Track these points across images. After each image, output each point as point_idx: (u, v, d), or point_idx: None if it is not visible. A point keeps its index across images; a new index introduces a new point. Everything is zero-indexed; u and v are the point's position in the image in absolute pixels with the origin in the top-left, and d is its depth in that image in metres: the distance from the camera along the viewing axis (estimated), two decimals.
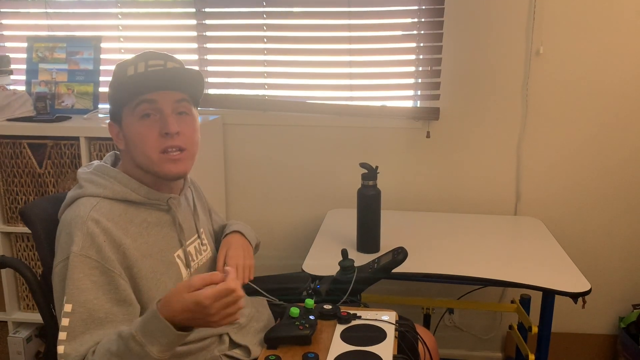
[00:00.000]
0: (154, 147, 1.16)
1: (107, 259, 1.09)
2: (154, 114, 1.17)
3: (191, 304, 0.96)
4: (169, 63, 1.19)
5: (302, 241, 2.35)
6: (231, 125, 2.34)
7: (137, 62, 1.18)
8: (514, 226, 2.15)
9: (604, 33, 2.10)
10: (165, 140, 1.16)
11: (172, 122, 1.16)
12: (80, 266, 1.07)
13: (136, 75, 1.16)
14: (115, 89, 1.20)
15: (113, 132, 1.23)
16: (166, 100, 1.17)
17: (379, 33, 2.22)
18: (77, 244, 1.08)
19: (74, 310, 1.05)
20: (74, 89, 2.21)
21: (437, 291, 2.35)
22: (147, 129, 1.16)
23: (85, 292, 1.07)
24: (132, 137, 1.17)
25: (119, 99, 1.19)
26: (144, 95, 1.15)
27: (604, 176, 2.22)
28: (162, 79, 1.17)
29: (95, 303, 1.07)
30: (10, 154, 2.01)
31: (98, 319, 1.06)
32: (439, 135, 2.25)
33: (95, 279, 1.08)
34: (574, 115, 2.18)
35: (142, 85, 1.16)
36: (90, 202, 1.14)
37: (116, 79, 1.20)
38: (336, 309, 1.29)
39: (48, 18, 2.37)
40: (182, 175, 1.22)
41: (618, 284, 2.31)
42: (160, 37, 2.34)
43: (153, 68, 1.17)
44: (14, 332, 2.15)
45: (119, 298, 1.10)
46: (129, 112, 1.18)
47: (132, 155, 1.19)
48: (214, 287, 0.96)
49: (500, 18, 2.13)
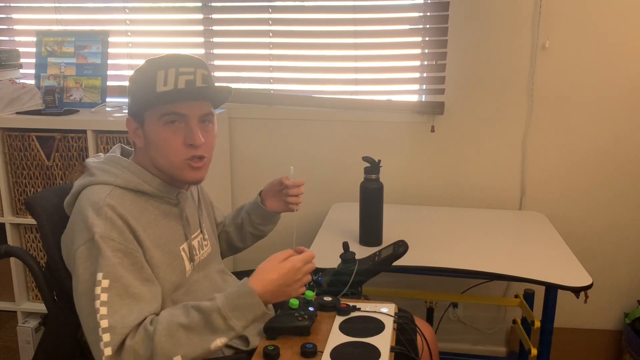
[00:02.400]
0: (177, 155, 1.19)
1: (129, 240, 1.12)
2: (179, 122, 1.18)
3: (287, 269, 1.13)
4: (198, 71, 1.19)
5: (306, 234, 2.37)
6: (237, 119, 2.36)
7: (167, 67, 1.17)
8: (519, 221, 2.15)
9: (611, 27, 2.09)
10: (189, 150, 1.19)
11: (198, 135, 1.18)
12: (106, 247, 1.09)
13: (168, 93, 1.16)
14: (141, 92, 1.19)
15: (130, 127, 1.23)
16: (194, 112, 1.19)
17: (384, 27, 2.22)
18: (99, 226, 1.10)
19: (111, 286, 1.07)
20: (82, 82, 2.23)
21: (441, 285, 2.36)
22: (172, 135, 1.18)
23: (119, 268, 1.09)
24: (156, 141, 1.19)
25: (143, 101, 1.19)
26: (174, 106, 1.17)
27: (610, 171, 2.21)
28: (193, 93, 1.19)
29: (128, 279, 1.10)
30: (19, 147, 2.05)
31: (133, 295, 1.09)
32: (443, 129, 2.25)
33: (119, 260, 1.10)
34: (580, 110, 2.17)
35: (170, 97, 1.17)
36: (104, 189, 1.16)
37: (143, 82, 1.19)
38: (336, 301, 1.30)
39: (57, 12, 2.39)
40: (200, 181, 1.25)
41: (623, 280, 2.30)
42: (167, 31, 2.35)
43: (184, 77, 1.17)
44: (23, 321, 2.19)
45: (144, 277, 1.13)
46: (153, 116, 1.18)
47: (152, 156, 1.21)
48: (301, 255, 1.17)
49: (505, 12, 2.12)
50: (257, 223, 1.55)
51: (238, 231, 1.58)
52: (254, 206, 1.54)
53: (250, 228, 1.56)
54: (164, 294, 1.19)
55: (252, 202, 1.55)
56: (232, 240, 1.59)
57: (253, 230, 1.57)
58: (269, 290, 1.12)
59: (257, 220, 1.54)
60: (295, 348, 1.13)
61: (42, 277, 1.24)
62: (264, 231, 1.58)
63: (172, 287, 1.21)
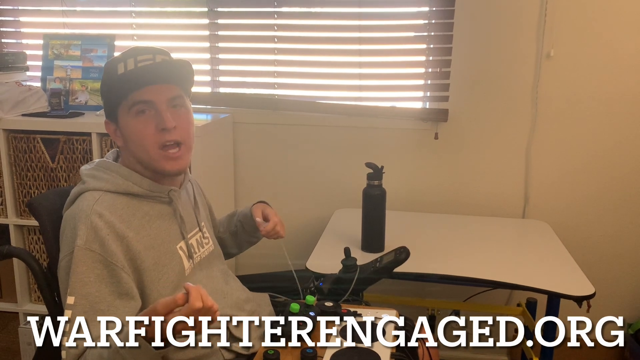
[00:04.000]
0: (152, 143, 1.18)
1: (110, 253, 1.11)
2: (149, 110, 1.18)
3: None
4: (157, 56, 1.20)
5: (308, 240, 2.36)
6: (241, 123, 2.36)
7: (125, 58, 1.18)
8: (522, 229, 2.14)
9: (616, 36, 2.08)
10: (162, 135, 1.18)
11: (168, 117, 1.18)
12: (84, 259, 1.09)
13: (127, 73, 1.17)
14: (108, 87, 1.21)
15: (110, 130, 1.25)
16: (160, 97, 1.18)
17: (389, 34, 2.22)
18: (82, 238, 1.10)
19: (76, 303, 1.07)
20: (87, 85, 2.25)
21: (443, 293, 2.35)
22: (143, 125, 1.18)
23: (88, 285, 1.09)
24: (130, 134, 1.20)
25: (112, 98, 1.20)
26: (138, 92, 1.17)
27: (614, 181, 2.20)
28: (152, 73, 1.19)
29: (97, 295, 1.09)
30: (24, 149, 2.06)
31: (99, 311, 1.08)
32: (447, 136, 2.25)
33: (98, 272, 1.10)
34: (585, 120, 2.17)
35: (133, 83, 1.17)
36: (93, 196, 1.16)
37: (107, 78, 1.21)
38: (337, 307, 1.30)
39: (64, 16, 2.41)
40: (181, 171, 1.25)
41: (627, 290, 2.29)
42: (172, 35, 2.37)
43: (142, 63, 1.18)
44: (25, 323, 2.19)
45: (121, 291, 1.12)
46: (124, 111, 1.19)
47: (132, 152, 1.22)
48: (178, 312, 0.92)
49: (510, 20, 2.12)
50: (250, 232, 1.55)
51: (233, 238, 1.58)
52: (246, 218, 1.53)
53: (245, 236, 1.57)
54: (164, 295, 1.18)
55: (244, 214, 1.54)
56: (226, 246, 1.59)
57: (247, 237, 1.57)
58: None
59: (250, 230, 1.54)
60: (296, 353, 1.13)
61: (43, 278, 1.24)
62: (259, 237, 1.58)
63: (171, 287, 1.21)
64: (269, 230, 1.43)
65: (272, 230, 1.43)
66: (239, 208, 2.40)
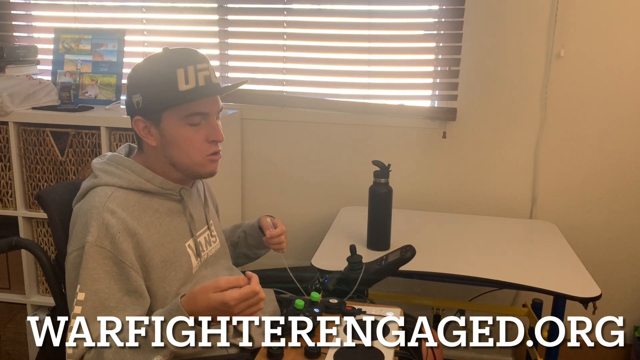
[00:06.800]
0: (200, 151, 1.22)
1: (121, 251, 1.12)
2: (202, 120, 1.21)
3: (217, 303, 1.01)
4: (210, 66, 1.23)
5: (314, 237, 2.37)
6: (249, 120, 2.37)
7: (184, 65, 1.17)
8: (529, 230, 2.13)
9: (627, 36, 2.07)
10: (211, 146, 1.23)
11: (220, 131, 1.23)
12: (95, 256, 1.10)
13: (192, 91, 1.17)
14: (159, 90, 1.18)
15: (139, 127, 1.22)
16: (214, 109, 1.23)
17: (398, 32, 2.22)
18: (93, 234, 1.11)
19: (86, 299, 1.09)
20: (97, 80, 2.26)
21: (448, 292, 2.35)
22: (194, 134, 1.21)
23: (98, 281, 1.10)
24: (176, 140, 1.20)
25: (162, 101, 1.18)
26: (197, 103, 1.19)
27: (623, 183, 2.19)
28: (213, 88, 1.22)
29: (107, 292, 1.10)
30: (34, 142, 2.07)
31: (109, 307, 1.10)
32: (455, 135, 2.24)
33: (108, 268, 1.11)
34: (593, 120, 2.15)
35: (198, 94, 1.19)
36: (106, 191, 1.17)
37: (164, 86, 1.17)
38: (341, 303, 1.30)
39: (75, 10, 2.43)
40: (215, 174, 1.28)
41: (633, 292, 2.28)
42: (182, 31, 2.38)
43: (202, 72, 1.19)
44: (33, 314, 2.21)
45: (130, 288, 1.13)
46: (173, 116, 1.19)
47: (169, 155, 1.22)
48: (239, 289, 1.02)
49: (520, 19, 2.11)
50: (252, 245, 1.54)
51: (232, 249, 1.57)
52: (253, 228, 1.53)
53: (245, 249, 1.56)
54: (170, 292, 1.20)
55: (251, 225, 1.54)
56: None
57: (247, 251, 1.57)
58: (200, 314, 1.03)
59: (252, 242, 1.54)
60: (299, 348, 1.14)
61: (51, 270, 1.25)
62: (257, 254, 1.58)
63: (178, 284, 1.22)
64: (275, 235, 1.43)
65: (277, 236, 1.43)
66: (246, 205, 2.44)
